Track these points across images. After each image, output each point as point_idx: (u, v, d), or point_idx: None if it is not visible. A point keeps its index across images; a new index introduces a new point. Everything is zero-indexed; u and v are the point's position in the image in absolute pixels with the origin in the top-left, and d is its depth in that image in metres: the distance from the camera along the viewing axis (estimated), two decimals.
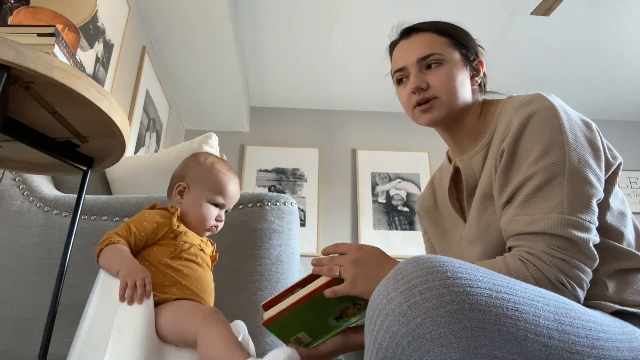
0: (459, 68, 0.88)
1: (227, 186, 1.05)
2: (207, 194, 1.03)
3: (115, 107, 0.87)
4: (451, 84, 0.86)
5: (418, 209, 1.08)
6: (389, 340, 0.54)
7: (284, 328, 0.79)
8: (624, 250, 0.75)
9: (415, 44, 0.89)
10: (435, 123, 0.89)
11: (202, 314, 0.83)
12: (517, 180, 0.74)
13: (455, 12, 2.90)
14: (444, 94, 0.86)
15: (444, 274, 0.53)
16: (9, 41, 0.69)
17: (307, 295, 0.74)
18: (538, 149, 0.73)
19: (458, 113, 0.88)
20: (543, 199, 0.70)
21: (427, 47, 0.88)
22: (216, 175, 1.04)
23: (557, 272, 0.66)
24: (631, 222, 0.80)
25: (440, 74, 0.86)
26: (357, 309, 0.76)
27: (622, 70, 3.48)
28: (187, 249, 0.96)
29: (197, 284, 0.95)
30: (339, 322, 0.79)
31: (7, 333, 1.17)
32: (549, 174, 0.71)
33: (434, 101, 0.86)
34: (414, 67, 0.88)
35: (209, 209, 1.02)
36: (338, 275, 0.73)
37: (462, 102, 0.88)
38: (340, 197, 3.69)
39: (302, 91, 3.79)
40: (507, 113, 0.82)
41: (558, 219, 0.68)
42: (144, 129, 2.81)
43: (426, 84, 0.86)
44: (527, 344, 0.53)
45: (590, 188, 0.71)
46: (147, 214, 0.99)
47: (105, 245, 0.92)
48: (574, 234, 0.67)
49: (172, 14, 2.62)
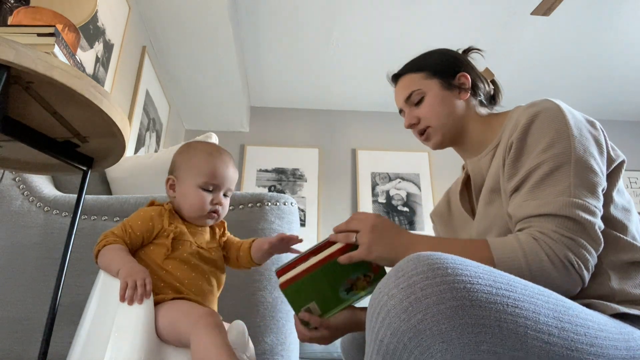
0: (440, 93, 0.96)
1: (214, 165, 0.98)
2: (195, 178, 0.97)
3: (115, 107, 0.87)
4: (436, 111, 0.95)
5: (431, 214, 1.12)
6: (390, 337, 0.54)
7: (298, 294, 0.81)
8: (628, 242, 0.77)
9: (400, 88, 1.02)
10: (440, 146, 0.99)
11: (196, 317, 0.82)
12: (525, 168, 0.77)
13: (456, 12, 2.90)
14: (433, 121, 0.96)
15: (445, 270, 0.54)
16: (9, 41, 0.69)
17: (322, 260, 0.76)
18: (545, 140, 0.76)
19: (455, 129, 0.96)
20: (551, 185, 0.73)
21: (407, 87, 0.99)
22: (199, 158, 0.99)
23: (567, 250, 0.68)
24: (636, 219, 0.82)
25: (424, 107, 0.96)
26: (367, 282, 0.79)
27: (622, 70, 3.49)
28: (181, 248, 0.94)
29: (191, 287, 0.93)
30: (349, 294, 0.81)
31: (7, 333, 1.17)
32: (556, 162, 0.74)
33: (428, 130, 0.97)
34: (405, 108, 1.00)
35: (200, 194, 0.97)
36: (354, 241, 0.76)
37: (454, 120, 0.95)
38: (340, 197, 3.69)
39: (302, 91, 3.79)
40: (514, 116, 0.86)
41: (566, 201, 0.71)
42: (144, 129, 2.81)
43: (416, 119, 0.98)
44: (527, 340, 0.53)
45: (595, 176, 0.74)
46: (142, 212, 0.97)
47: (102, 245, 0.91)
48: (581, 216, 0.70)
49: (172, 14, 2.62)
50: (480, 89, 0.98)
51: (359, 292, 0.81)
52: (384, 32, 3.09)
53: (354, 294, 0.81)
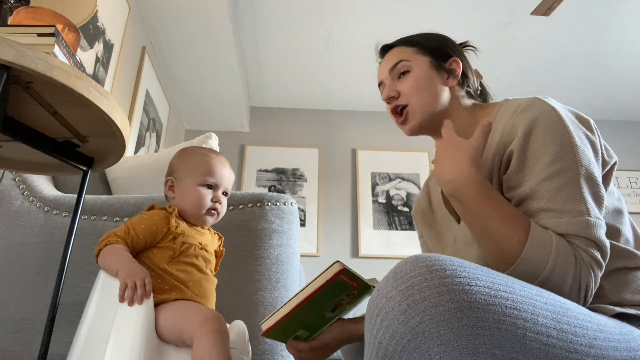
0: (428, 72, 0.91)
1: (212, 164, 1.02)
2: (194, 177, 1.01)
3: (115, 107, 0.87)
4: (419, 88, 0.89)
5: (413, 212, 1.09)
6: (388, 339, 0.54)
7: (283, 332, 0.81)
8: (621, 248, 0.75)
9: (387, 58, 0.96)
10: (415, 131, 0.92)
11: (200, 320, 0.82)
12: (533, 181, 0.73)
13: (456, 12, 2.90)
14: (414, 100, 0.90)
15: (443, 272, 0.54)
16: (9, 41, 0.69)
17: (303, 300, 0.74)
18: (550, 151, 0.73)
19: (436, 117, 0.91)
20: (566, 202, 0.70)
21: (394, 58, 0.94)
22: (197, 158, 1.03)
23: (590, 277, 0.66)
24: (628, 220, 0.81)
25: (408, 80, 0.91)
26: (351, 298, 0.77)
27: (622, 70, 3.48)
28: (186, 251, 0.95)
29: (195, 288, 0.93)
30: (335, 312, 0.80)
31: (7, 333, 1.17)
32: (566, 176, 0.71)
33: (406, 109, 0.91)
34: (387, 79, 0.94)
35: (200, 191, 1.00)
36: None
37: (435, 105, 0.90)
38: (340, 197, 3.69)
39: (302, 91, 3.79)
40: (505, 116, 0.82)
41: (587, 222, 0.68)
42: (144, 129, 2.81)
43: (397, 92, 0.92)
44: (526, 342, 0.53)
45: (600, 189, 0.72)
46: (146, 215, 0.98)
47: (104, 245, 0.91)
48: (601, 240, 0.68)
49: (172, 14, 2.62)
50: (469, 80, 0.95)
51: (344, 308, 0.80)
52: (384, 32, 3.09)
53: (340, 310, 0.80)
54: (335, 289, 0.74)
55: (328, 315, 0.80)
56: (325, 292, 0.73)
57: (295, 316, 0.76)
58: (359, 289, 0.76)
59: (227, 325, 0.88)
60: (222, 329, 0.82)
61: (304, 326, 0.81)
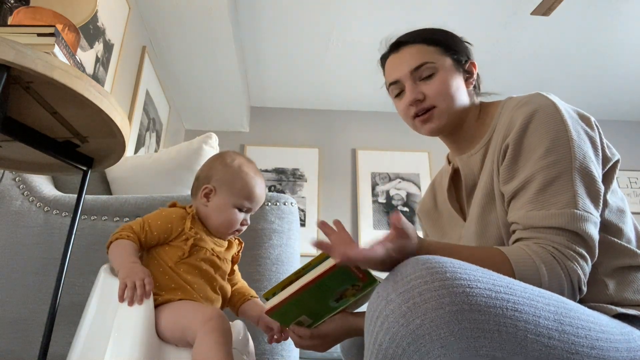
0: (452, 74, 0.88)
1: (255, 189, 1.01)
2: (234, 198, 0.98)
3: (115, 107, 0.87)
4: (447, 92, 0.86)
5: (418, 211, 1.09)
6: (389, 342, 0.54)
7: (286, 314, 0.81)
8: (623, 247, 0.75)
9: (406, 56, 0.90)
10: (437, 132, 0.90)
11: (203, 318, 0.82)
12: (524, 173, 0.74)
13: (456, 12, 2.90)
14: (441, 102, 0.86)
15: (443, 274, 0.53)
16: (9, 41, 0.69)
17: (308, 282, 0.74)
18: (544, 144, 0.73)
19: (457, 118, 0.89)
20: (555, 194, 0.71)
21: (419, 58, 0.88)
22: (244, 179, 1.00)
23: (579, 272, 0.67)
24: (630, 220, 0.81)
25: (434, 83, 0.87)
26: (356, 290, 0.77)
27: (622, 70, 3.48)
28: (196, 254, 0.94)
29: (200, 292, 0.93)
30: (339, 302, 0.80)
31: (7, 333, 1.17)
32: (558, 169, 0.71)
33: (432, 111, 0.87)
34: (408, 80, 0.88)
35: (235, 214, 0.98)
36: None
37: (460, 107, 0.88)
38: (340, 197, 3.69)
39: (302, 91, 3.79)
40: (507, 113, 0.82)
41: (573, 214, 0.68)
42: (144, 129, 2.81)
43: (422, 95, 0.87)
44: (526, 344, 0.53)
45: (596, 184, 0.72)
46: (164, 212, 0.97)
47: (115, 238, 0.92)
48: (587, 232, 0.68)
49: (172, 14, 2.62)
50: (478, 79, 0.95)
51: (348, 299, 0.80)
52: (384, 32, 3.08)
53: (344, 301, 0.80)
54: (342, 276, 0.74)
55: (332, 304, 0.80)
56: (332, 277, 0.73)
57: (300, 299, 0.76)
58: (365, 280, 0.76)
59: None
60: (225, 328, 0.82)
61: (308, 312, 0.81)
